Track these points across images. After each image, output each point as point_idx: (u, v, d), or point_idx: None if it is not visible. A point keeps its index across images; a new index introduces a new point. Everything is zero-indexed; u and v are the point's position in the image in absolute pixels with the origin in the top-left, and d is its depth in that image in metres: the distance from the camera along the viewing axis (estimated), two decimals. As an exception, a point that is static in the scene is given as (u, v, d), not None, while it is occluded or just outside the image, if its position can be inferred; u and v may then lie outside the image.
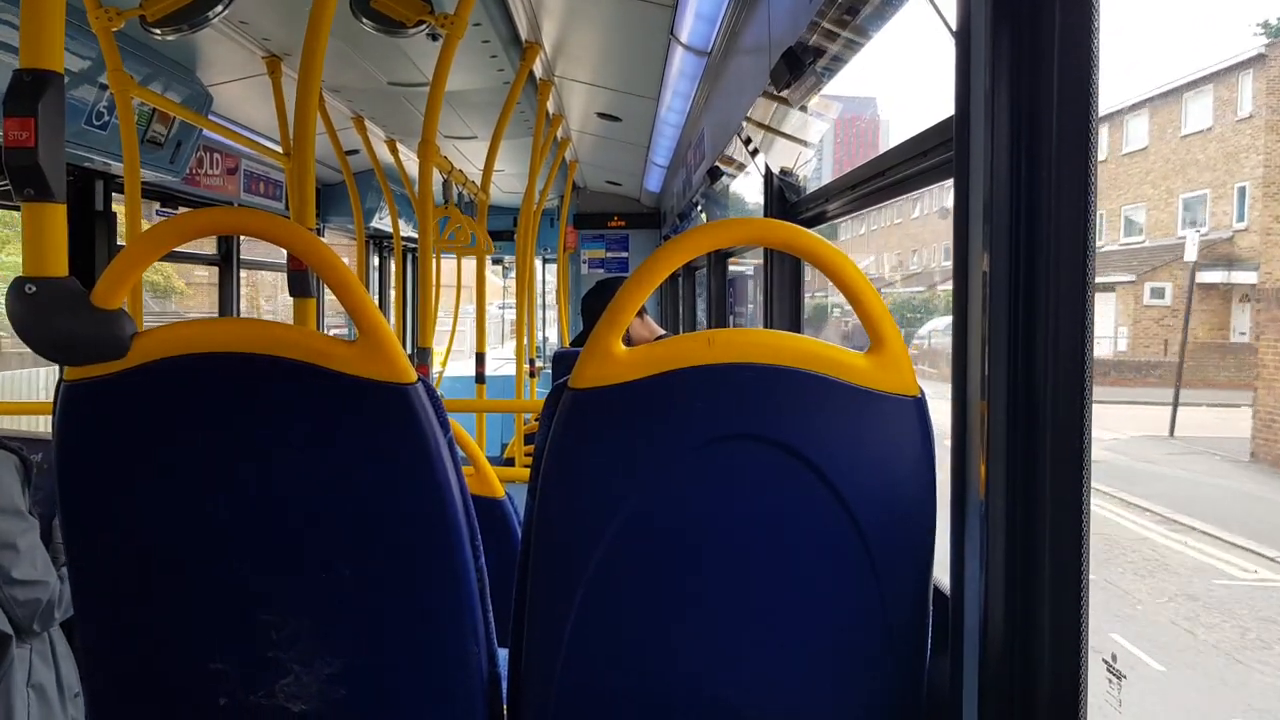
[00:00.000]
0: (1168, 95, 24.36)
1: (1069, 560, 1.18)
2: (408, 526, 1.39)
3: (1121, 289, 25.74)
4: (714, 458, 1.36)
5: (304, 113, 2.34)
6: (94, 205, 4.40)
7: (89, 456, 1.39)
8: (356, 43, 3.79)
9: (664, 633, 1.41)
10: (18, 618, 2.22)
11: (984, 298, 1.21)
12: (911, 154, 1.92)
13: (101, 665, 1.47)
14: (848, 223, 34.39)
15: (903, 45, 2.12)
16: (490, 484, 2.44)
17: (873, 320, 1.39)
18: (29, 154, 1.33)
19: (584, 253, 9.85)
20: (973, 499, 1.26)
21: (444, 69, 3.28)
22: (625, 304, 1.39)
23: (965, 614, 1.28)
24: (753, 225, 1.83)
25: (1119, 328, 25.69)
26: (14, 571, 2.20)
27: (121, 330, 1.35)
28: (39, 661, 2.31)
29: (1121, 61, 45.85)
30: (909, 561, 1.39)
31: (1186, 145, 23.69)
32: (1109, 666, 1.45)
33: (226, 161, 5.64)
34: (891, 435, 1.38)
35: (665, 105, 5.07)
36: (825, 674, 1.42)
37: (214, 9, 3.10)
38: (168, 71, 4.17)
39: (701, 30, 3.65)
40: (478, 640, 1.45)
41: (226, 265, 6.00)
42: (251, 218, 1.56)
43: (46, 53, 1.35)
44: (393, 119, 5.58)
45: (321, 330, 5.09)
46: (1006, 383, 1.19)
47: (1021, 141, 1.16)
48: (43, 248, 1.35)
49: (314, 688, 1.41)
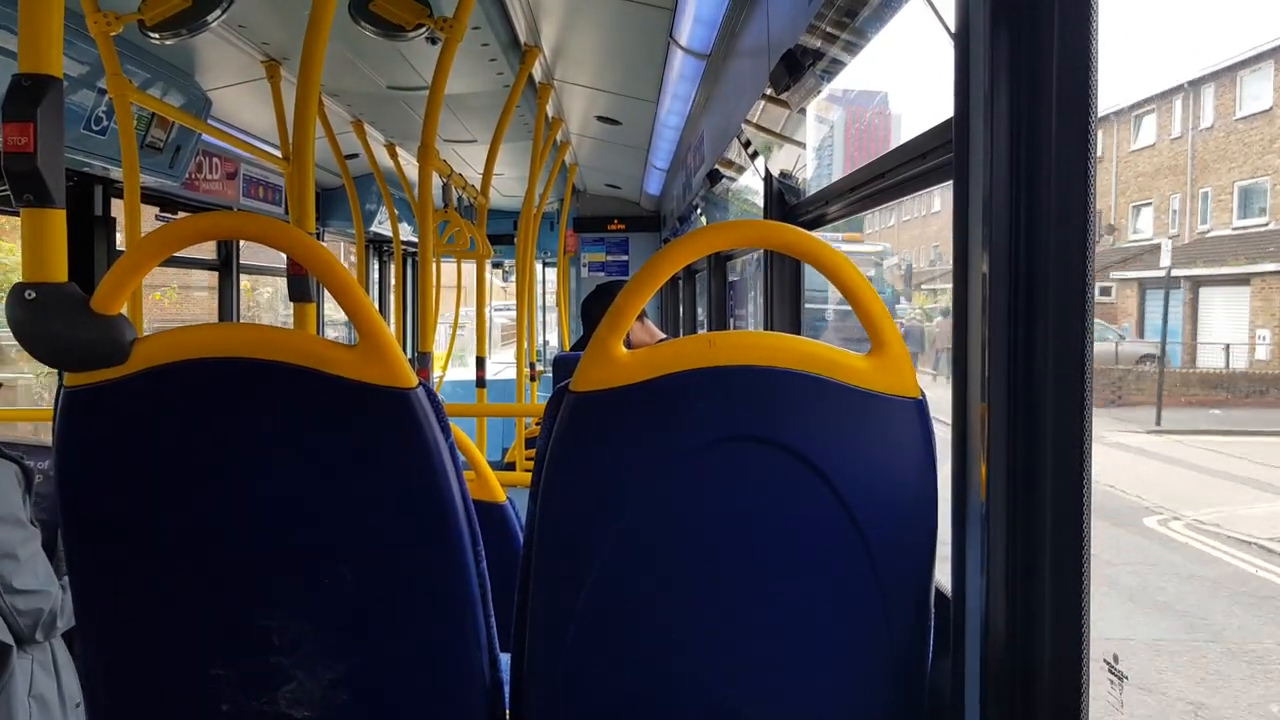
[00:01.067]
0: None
1: (1070, 562, 1.18)
2: (409, 531, 1.39)
3: (1261, 281, 22.41)
4: (716, 460, 1.36)
5: (303, 117, 2.34)
6: (93, 210, 4.39)
7: (90, 462, 1.39)
8: (356, 46, 3.79)
9: (666, 636, 1.41)
10: (19, 627, 2.22)
11: (984, 300, 1.21)
12: (911, 156, 1.92)
13: (103, 674, 1.46)
14: (876, 214, 32.94)
15: (903, 47, 2.12)
16: (491, 488, 2.44)
17: (873, 322, 1.39)
18: (28, 159, 1.33)
19: (584, 256, 9.86)
20: (974, 501, 1.26)
21: (443, 73, 3.28)
22: (626, 307, 1.39)
23: (967, 616, 1.28)
24: (753, 228, 1.83)
25: (1258, 330, 22.41)
26: (15, 581, 2.19)
27: (122, 336, 1.35)
28: (40, 671, 2.30)
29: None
30: (910, 564, 1.39)
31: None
32: (1110, 668, 1.45)
33: (226, 166, 5.64)
34: (892, 437, 1.38)
35: (665, 108, 5.07)
36: (827, 676, 1.42)
37: (213, 13, 3.10)
38: (167, 76, 4.17)
39: (700, 33, 3.65)
40: (479, 645, 1.45)
41: (226, 270, 6.00)
42: (251, 222, 1.56)
43: (45, 57, 1.35)
44: (392, 123, 5.58)
45: (321, 335, 5.08)
46: (1007, 385, 1.19)
47: (1021, 143, 1.16)
48: (42, 253, 1.35)
49: (316, 693, 1.41)
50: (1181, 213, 27.70)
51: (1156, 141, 29.02)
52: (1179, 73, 35.82)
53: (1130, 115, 30.12)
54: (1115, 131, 30.60)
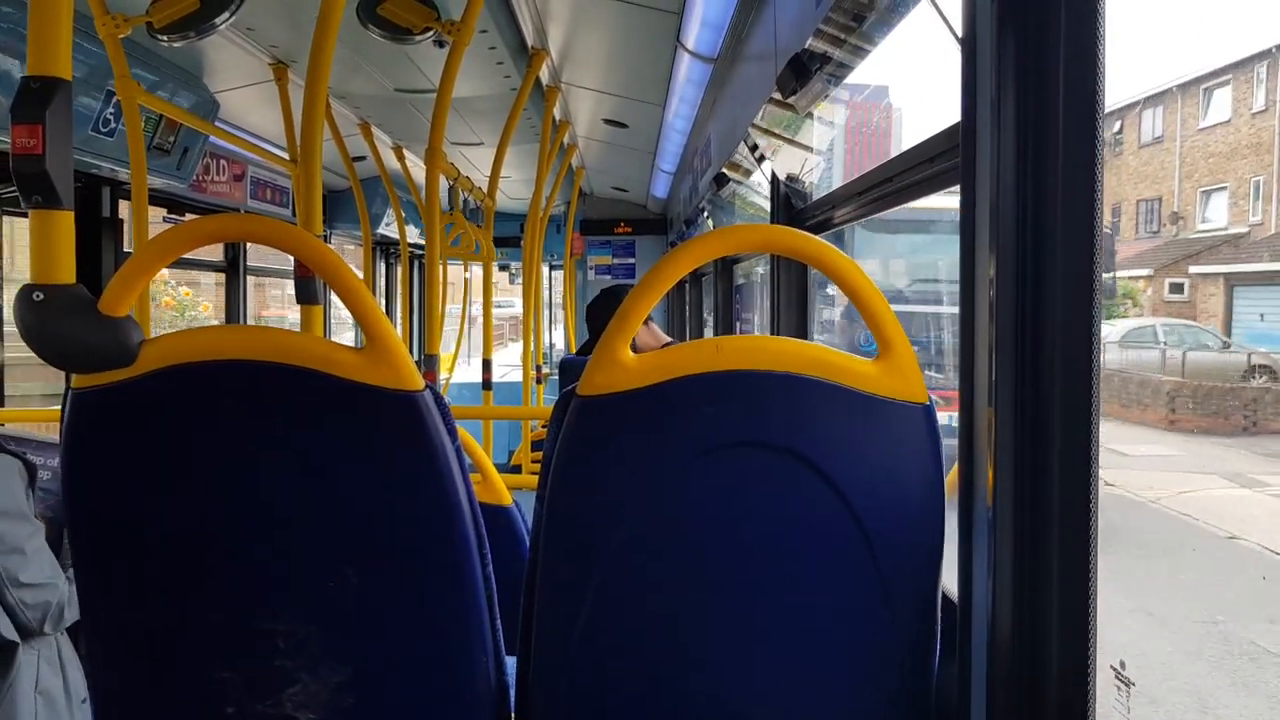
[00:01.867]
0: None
1: (1077, 568, 1.18)
2: (415, 534, 1.39)
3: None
4: (722, 464, 1.36)
5: (311, 119, 2.35)
6: (101, 212, 4.41)
7: (97, 464, 1.39)
8: (363, 49, 3.80)
9: (672, 640, 1.41)
10: (28, 621, 2.23)
11: (991, 304, 1.20)
12: (918, 160, 1.91)
13: (108, 672, 1.47)
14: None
15: (910, 51, 2.11)
16: (498, 492, 2.44)
17: (880, 326, 1.39)
18: (37, 161, 1.33)
19: (590, 259, 9.87)
20: (980, 506, 1.25)
21: (450, 75, 3.29)
22: (633, 311, 1.39)
23: (973, 621, 1.27)
24: (760, 231, 1.83)
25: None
26: (22, 575, 2.20)
27: (129, 338, 1.35)
28: (46, 667, 2.31)
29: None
30: (917, 569, 1.39)
31: None
32: (1117, 674, 1.45)
33: (233, 168, 5.65)
34: (899, 442, 1.38)
35: (672, 112, 5.07)
36: (834, 681, 1.42)
37: (221, 16, 3.11)
38: (175, 78, 4.19)
39: (708, 37, 3.65)
40: (485, 648, 1.45)
41: (234, 272, 6.02)
42: (259, 224, 1.56)
43: (54, 60, 1.36)
44: (399, 125, 5.60)
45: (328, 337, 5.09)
46: (1014, 390, 1.19)
47: (1028, 148, 1.16)
48: (51, 255, 1.35)
49: (321, 696, 1.41)
50: (1268, 198, 23.78)
51: (1233, 117, 25.17)
52: (1266, 37, 30.56)
53: (1197, 89, 26.47)
54: (1180, 107, 26.99)
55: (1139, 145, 29.31)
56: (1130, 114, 29.40)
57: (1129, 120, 29.46)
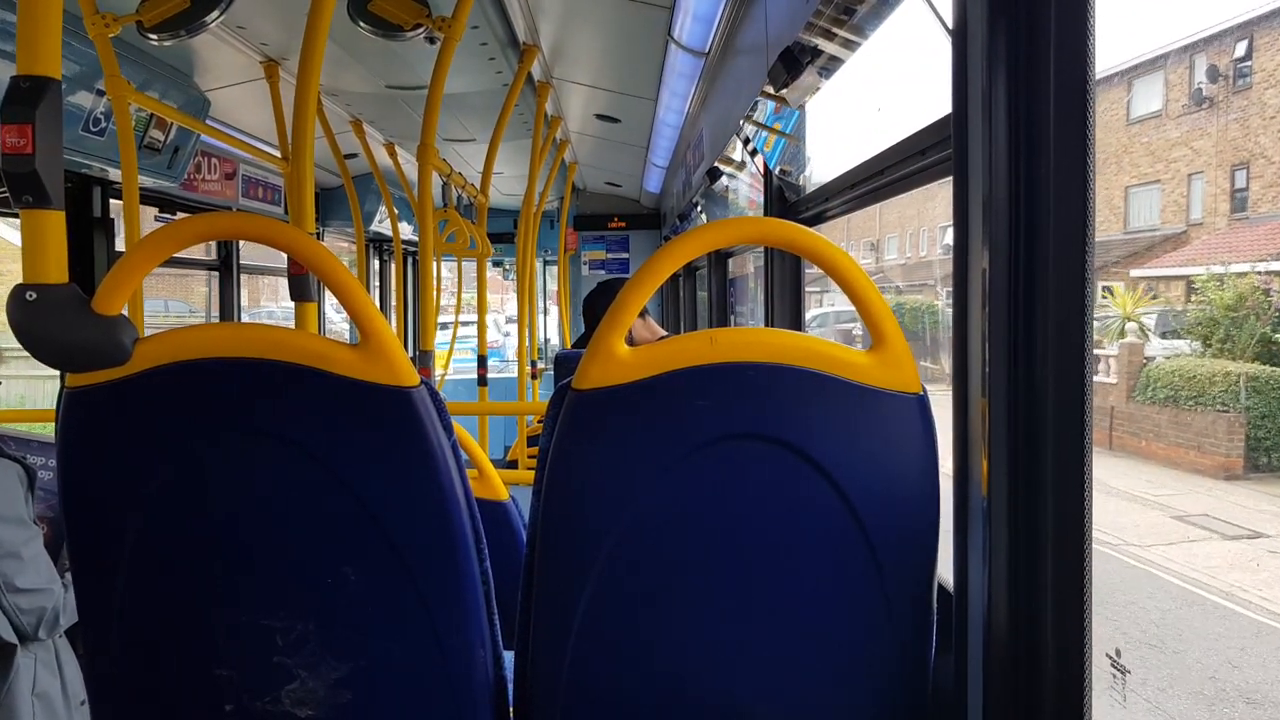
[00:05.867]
0: None
1: (1072, 556, 1.18)
2: (412, 530, 1.39)
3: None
4: (718, 457, 1.36)
5: (302, 117, 2.34)
6: (92, 211, 4.39)
7: (92, 463, 1.39)
8: (354, 46, 3.79)
9: (670, 633, 1.41)
10: (23, 625, 2.23)
11: (984, 295, 1.21)
12: (910, 152, 1.92)
13: (106, 673, 1.47)
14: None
15: (901, 44, 2.11)
16: (494, 487, 2.45)
17: (874, 318, 1.39)
18: (27, 161, 1.33)
19: (584, 254, 9.87)
20: (975, 496, 1.26)
21: (442, 72, 3.28)
22: (627, 304, 1.39)
23: (969, 611, 1.28)
24: (753, 224, 1.83)
25: None
26: (18, 580, 2.20)
27: (123, 336, 1.35)
28: (43, 670, 2.31)
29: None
30: (912, 559, 1.39)
31: None
32: (1113, 662, 1.45)
33: (225, 166, 5.63)
34: (894, 433, 1.38)
35: (664, 106, 5.07)
36: (830, 672, 1.42)
37: (211, 14, 3.10)
38: (165, 77, 4.17)
39: (699, 31, 3.65)
40: (483, 643, 1.45)
41: (226, 270, 6.01)
42: (251, 222, 1.55)
43: (44, 58, 1.35)
44: (391, 122, 5.59)
45: (322, 334, 5.09)
46: (1007, 380, 1.19)
47: (1020, 138, 1.16)
48: (42, 255, 1.35)
49: (320, 693, 1.41)
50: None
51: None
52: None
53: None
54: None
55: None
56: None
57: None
